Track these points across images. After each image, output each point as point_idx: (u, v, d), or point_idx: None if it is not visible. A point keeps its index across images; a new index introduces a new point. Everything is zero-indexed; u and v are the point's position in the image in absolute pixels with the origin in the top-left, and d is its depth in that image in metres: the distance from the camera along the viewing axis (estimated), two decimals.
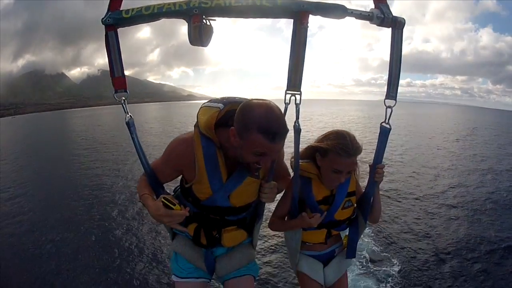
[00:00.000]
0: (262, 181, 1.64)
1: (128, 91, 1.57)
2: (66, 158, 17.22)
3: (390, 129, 1.65)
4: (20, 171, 14.87)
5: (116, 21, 1.45)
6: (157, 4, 1.45)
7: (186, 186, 1.63)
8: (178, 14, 1.42)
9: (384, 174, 1.73)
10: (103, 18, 1.46)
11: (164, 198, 1.45)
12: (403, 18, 1.51)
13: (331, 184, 1.74)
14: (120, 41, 1.50)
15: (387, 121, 1.64)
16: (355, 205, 1.87)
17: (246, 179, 1.58)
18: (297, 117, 1.54)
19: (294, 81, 1.52)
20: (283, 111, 1.43)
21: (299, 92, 1.52)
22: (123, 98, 1.55)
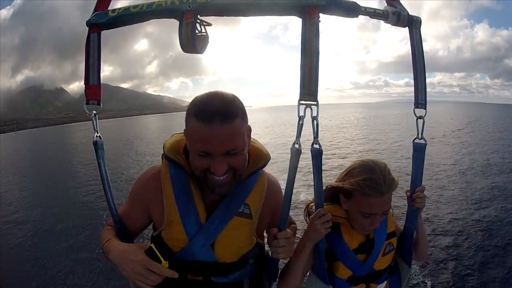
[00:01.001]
0: (270, 230, 1.25)
1: (101, 104, 1.30)
2: (70, 170, 16.98)
3: (425, 144, 1.39)
4: (24, 184, 14.65)
5: (102, 21, 1.29)
6: (147, 2, 1.29)
7: (154, 235, 1.25)
8: (170, 12, 1.25)
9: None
10: (87, 19, 1.30)
11: (154, 245, 1.09)
12: (419, 17, 1.36)
13: (364, 231, 1.38)
14: (117, 54, 1.31)
15: (420, 135, 1.38)
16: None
17: (233, 220, 1.21)
18: (316, 136, 1.19)
19: (309, 88, 1.18)
20: (297, 126, 1.16)
21: (315, 103, 1.17)
22: (94, 111, 1.28)
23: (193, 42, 1.20)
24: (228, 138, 1.05)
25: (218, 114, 1.04)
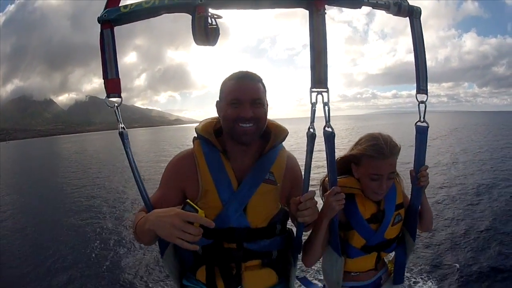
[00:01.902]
0: (293, 198, 1.31)
1: (122, 96, 1.36)
2: (60, 181, 16.76)
3: (427, 127, 1.48)
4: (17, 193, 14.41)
5: (113, 16, 1.32)
6: None
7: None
8: (181, 6, 1.30)
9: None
10: (99, 15, 1.33)
11: (187, 201, 1.16)
12: (419, 7, 1.43)
13: (376, 195, 1.51)
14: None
15: (422, 119, 1.46)
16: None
17: (261, 186, 1.35)
18: (328, 120, 1.31)
19: (319, 77, 1.29)
20: (310, 113, 1.29)
21: (326, 89, 1.28)
22: (116, 104, 1.34)
23: (206, 35, 1.27)
24: (255, 90, 1.34)
25: (249, 75, 1.36)
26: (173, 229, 1.09)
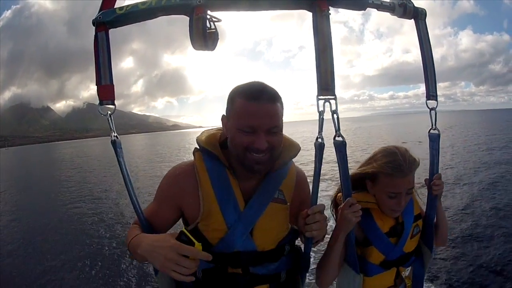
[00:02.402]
0: (301, 212, 1.23)
1: (115, 103, 1.28)
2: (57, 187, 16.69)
3: (439, 134, 1.44)
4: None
5: (108, 19, 1.26)
6: None
7: (190, 228, 1.21)
8: (179, 8, 1.25)
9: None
10: (94, 18, 1.27)
11: (185, 228, 1.07)
12: (424, 9, 1.39)
13: (393, 212, 1.43)
14: None
15: (433, 126, 1.42)
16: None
17: (269, 206, 1.22)
18: (338, 129, 1.22)
19: (326, 83, 1.20)
20: (318, 121, 1.19)
21: (333, 97, 1.20)
22: (109, 112, 1.25)
23: (204, 38, 1.19)
24: (274, 115, 1.13)
25: (266, 93, 1.13)
26: (167, 262, 1.00)
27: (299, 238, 1.39)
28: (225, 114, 1.22)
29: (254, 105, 1.11)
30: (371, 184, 1.47)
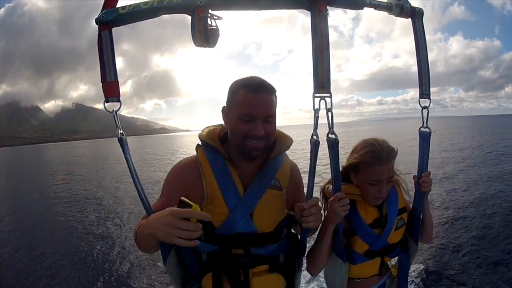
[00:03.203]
0: (297, 204, 1.36)
1: (121, 100, 1.31)
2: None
3: (430, 132, 1.48)
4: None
5: (111, 17, 1.29)
6: None
7: None
8: (181, 7, 1.27)
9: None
10: (97, 16, 1.29)
11: (181, 198, 1.10)
12: (421, 8, 1.42)
13: (375, 200, 1.52)
14: (93, 73, 1.36)
15: (425, 124, 1.47)
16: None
17: (267, 192, 1.35)
18: (331, 126, 1.30)
19: (322, 81, 1.27)
20: (313, 119, 1.28)
21: (328, 94, 1.27)
22: (114, 109, 1.29)
23: (206, 37, 1.24)
24: (270, 105, 1.29)
25: (265, 86, 1.29)
26: (169, 228, 1.04)
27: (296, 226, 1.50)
28: (225, 105, 1.36)
29: (254, 96, 1.26)
30: (354, 174, 1.55)
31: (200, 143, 1.43)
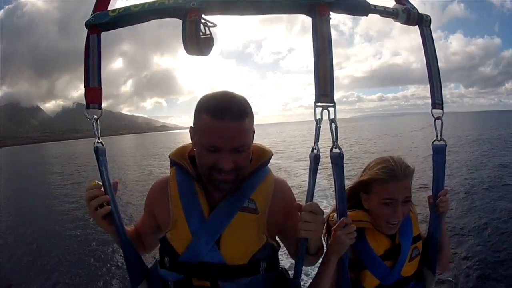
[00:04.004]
0: (295, 204, 1.20)
1: (102, 108, 1.26)
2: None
3: (445, 145, 1.35)
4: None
5: (101, 21, 1.23)
6: (149, 1, 1.23)
7: (160, 238, 1.25)
8: (173, 10, 1.19)
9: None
10: (86, 20, 1.24)
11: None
12: (428, 15, 1.35)
13: (389, 227, 1.35)
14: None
15: (439, 136, 1.34)
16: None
17: (237, 215, 1.16)
18: (335, 139, 1.15)
19: (325, 89, 1.14)
20: (315, 130, 1.14)
21: (332, 104, 1.14)
22: (95, 116, 1.22)
23: (197, 42, 1.14)
24: (239, 134, 1.07)
25: (231, 111, 1.05)
26: (89, 208, 1.18)
27: (290, 258, 1.33)
28: (192, 126, 1.17)
29: (218, 124, 1.05)
30: (366, 196, 1.40)
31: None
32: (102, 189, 1.19)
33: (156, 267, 1.26)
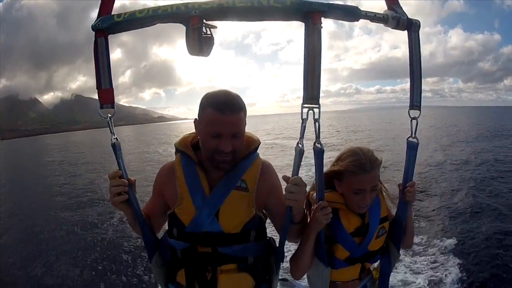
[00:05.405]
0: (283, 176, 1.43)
1: (115, 107, 1.39)
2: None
3: (418, 143, 1.51)
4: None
5: (107, 25, 1.30)
6: (152, 7, 1.33)
7: (169, 213, 1.46)
8: (175, 17, 1.29)
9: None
10: (93, 24, 1.31)
11: None
12: (418, 20, 1.43)
13: (360, 208, 1.55)
14: (91, 64, 1.35)
15: (413, 135, 1.50)
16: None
17: (232, 193, 1.42)
18: (318, 136, 1.37)
19: (312, 93, 1.34)
20: (300, 128, 1.37)
21: (317, 105, 1.35)
22: (109, 115, 1.37)
23: (200, 47, 1.29)
24: (236, 124, 1.33)
25: (231, 106, 1.31)
26: (110, 193, 1.36)
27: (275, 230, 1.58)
28: (197, 118, 1.41)
29: (220, 116, 1.30)
30: (338, 182, 1.59)
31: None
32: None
33: (166, 237, 1.50)
